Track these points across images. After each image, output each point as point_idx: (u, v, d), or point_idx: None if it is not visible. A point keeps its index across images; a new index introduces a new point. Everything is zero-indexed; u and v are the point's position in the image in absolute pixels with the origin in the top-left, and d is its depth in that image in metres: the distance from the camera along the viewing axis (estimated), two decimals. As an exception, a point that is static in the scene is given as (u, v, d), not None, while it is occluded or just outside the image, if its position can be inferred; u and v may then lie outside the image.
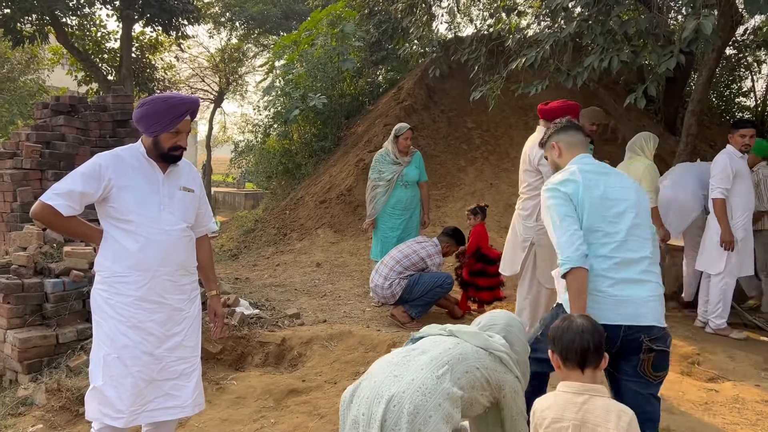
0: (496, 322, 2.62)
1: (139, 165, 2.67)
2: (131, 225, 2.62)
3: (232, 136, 23.27)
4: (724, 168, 5.13)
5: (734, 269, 5.20)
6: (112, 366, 2.60)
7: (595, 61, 5.38)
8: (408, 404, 2.06)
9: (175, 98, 2.66)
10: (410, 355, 2.29)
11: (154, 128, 2.63)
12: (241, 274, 7.42)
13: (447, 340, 2.38)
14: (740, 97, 14.39)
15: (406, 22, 9.89)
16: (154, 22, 15.19)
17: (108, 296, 2.61)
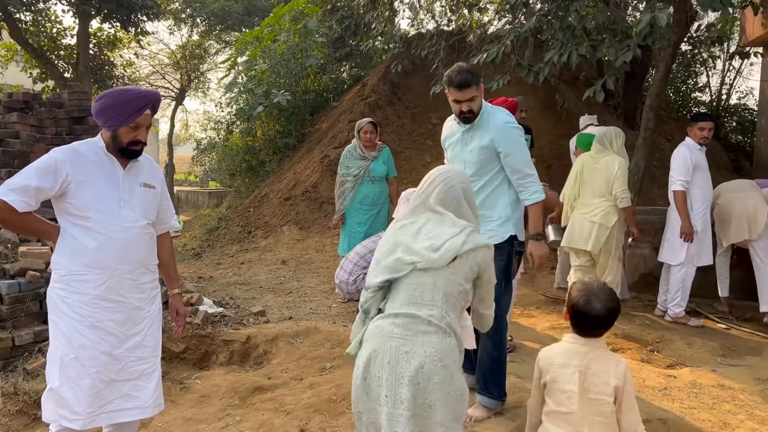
0: (439, 197, 2.39)
1: (98, 160, 2.60)
2: (89, 222, 2.55)
3: (194, 134, 22.95)
4: (684, 160, 5.26)
5: (693, 259, 5.35)
6: (69, 366, 2.53)
7: (554, 56, 5.46)
8: (434, 377, 2.10)
9: (134, 91, 2.61)
10: (408, 324, 2.16)
11: (113, 122, 2.57)
12: (205, 272, 7.33)
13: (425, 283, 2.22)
14: (696, 92, 14.78)
15: (368, 17, 9.87)
16: (111, 18, 14.87)
17: (65, 295, 2.54)
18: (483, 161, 3.31)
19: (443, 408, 2.11)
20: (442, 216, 2.35)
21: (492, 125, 3.30)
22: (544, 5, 5.86)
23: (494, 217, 3.34)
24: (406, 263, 2.23)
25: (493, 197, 3.35)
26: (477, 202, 2.75)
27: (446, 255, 2.21)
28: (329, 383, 4.01)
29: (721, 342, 4.83)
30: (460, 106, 3.30)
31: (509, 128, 3.29)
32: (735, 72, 13.70)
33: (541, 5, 5.92)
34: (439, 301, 2.20)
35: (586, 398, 2.15)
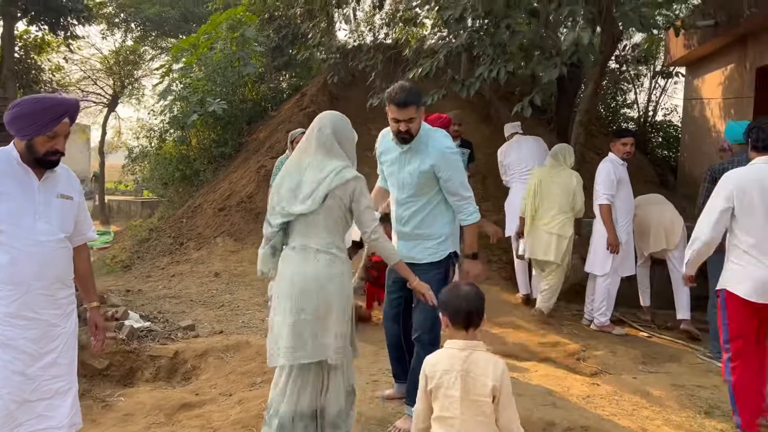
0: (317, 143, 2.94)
1: (11, 170, 2.48)
2: (2, 236, 2.44)
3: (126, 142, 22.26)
4: (608, 175, 5.45)
5: (618, 269, 5.55)
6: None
7: (485, 72, 5.59)
8: (328, 286, 2.82)
9: (51, 99, 2.52)
10: (304, 253, 2.85)
11: (28, 131, 2.46)
12: (134, 285, 7.09)
13: (309, 222, 2.84)
14: (625, 108, 15.38)
15: (305, 27, 9.85)
16: (39, 20, 14.32)
17: None
18: (422, 184, 3.38)
19: (338, 309, 2.81)
20: (318, 160, 2.88)
21: (432, 150, 3.33)
22: (476, 21, 5.99)
23: (434, 235, 3.43)
24: (292, 213, 2.84)
25: (432, 217, 3.43)
26: (416, 222, 3.43)
27: (317, 200, 2.79)
28: (259, 398, 3.93)
29: (643, 350, 5.02)
30: (398, 125, 3.32)
31: (449, 154, 3.36)
32: (660, 90, 14.34)
33: (473, 21, 6.04)
34: (323, 232, 2.83)
35: (468, 400, 2.27)
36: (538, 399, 3.69)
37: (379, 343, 4.99)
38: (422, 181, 3.37)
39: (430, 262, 3.42)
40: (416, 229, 3.44)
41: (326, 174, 2.82)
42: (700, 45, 8.87)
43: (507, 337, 5.24)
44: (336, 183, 2.80)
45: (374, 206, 3.52)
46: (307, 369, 2.84)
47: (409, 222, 3.46)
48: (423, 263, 3.41)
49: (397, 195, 3.54)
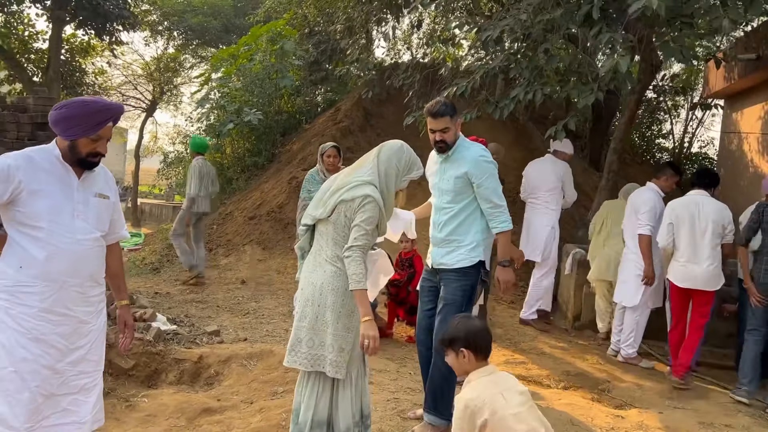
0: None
1: (52, 169, 2.53)
2: (41, 232, 2.47)
3: (162, 147, 22.68)
4: (654, 206, 5.33)
5: (649, 301, 5.45)
6: (6, 380, 2.44)
7: (520, 93, 5.59)
8: (328, 299, 2.86)
9: (98, 103, 2.55)
10: (315, 260, 2.96)
11: (73, 132, 2.50)
12: (162, 288, 7.19)
13: (321, 230, 2.96)
14: (660, 139, 15.19)
15: (344, 43, 9.98)
16: (86, 25, 14.73)
17: (9, 306, 2.45)
18: (458, 189, 3.54)
19: (335, 322, 2.83)
20: (349, 173, 2.98)
21: (467, 158, 3.52)
22: (514, 44, 6.01)
23: (466, 242, 3.55)
24: (313, 217, 2.97)
25: (467, 224, 3.57)
26: (451, 228, 3.57)
27: (328, 208, 2.89)
28: (279, 408, 3.94)
29: (671, 385, 4.91)
30: (434, 135, 3.57)
31: (483, 161, 3.52)
32: (697, 121, 14.15)
33: (511, 44, 6.06)
34: (331, 243, 2.89)
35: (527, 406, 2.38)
36: (561, 427, 3.63)
37: (400, 360, 4.98)
38: (458, 187, 3.54)
39: (460, 267, 3.52)
40: (450, 235, 3.58)
41: (345, 184, 2.91)
42: (740, 78, 8.74)
43: (530, 363, 5.18)
44: (345, 197, 2.86)
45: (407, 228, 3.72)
46: (322, 378, 2.89)
47: (445, 227, 3.61)
48: (453, 269, 3.54)
49: (436, 202, 3.74)
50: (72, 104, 2.53)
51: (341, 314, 2.85)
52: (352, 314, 2.87)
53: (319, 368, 2.86)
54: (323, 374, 2.88)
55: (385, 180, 2.98)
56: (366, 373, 3.04)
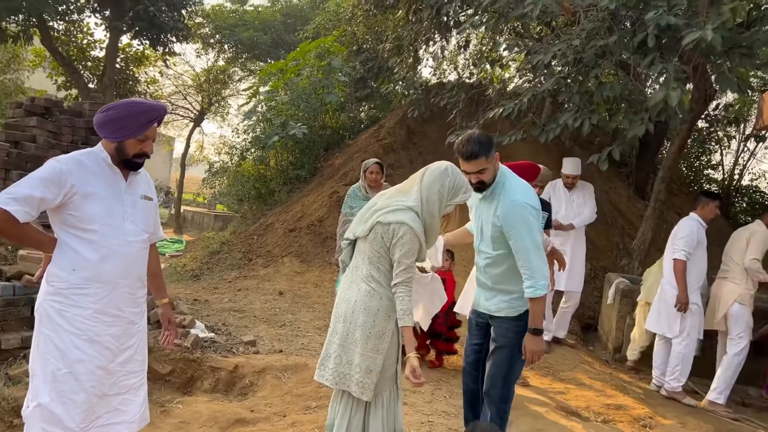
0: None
1: (101, 172, 2.57)
2: (94, 235, 2.52)
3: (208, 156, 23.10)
4: (692, 234, 5.27)
5: (692, 331, 5.29)
6: (62, 381, 2.48)
7: (569, 119, 5.52)
8: (359, 318, 2.83)
9: (144, 104, 2.60)
10: (352, 277, 2.96)
11: (120, 133, 2.54)
12: (201, 295, 7.28)
13: (360, 248, 2.96)
14: (709, 169, 14.82)
15: (392, 62, 10.05)
16: (142, 35, 15.17)
17: (63, 308, 2.50)
18: (494, 236, 3.18)
19: (365, 343, 2.80)
20: (392, 194, 2.96)
21: (502, 200, 3.11)
22: (564, 68, 5.95)
23: (513, 291, 3.19)
24: (354, 233, 2.97)
25: (508, 273, 3.18)
26: (493, 275, 3.24)
27: (366, 227, 2.88)
28: (312, 423, 3.92)
29: (716, 425, 4.72)
30: (469, 176, 3.11)
31: (518, 207, 3.05)
32: (749, 153, 13.76)
33: (561, 68, 6.00)
34: (366, 262, 2.89)
35: None
36: (599, 463, 3.52)
37: (435, 383, 4.92)
38: (495, 234, 3.16)
39: (506, 317, 3.23)
40: (493, 282, 3.26)
41: (383, 207, 2.90)
42: (798, 110, 8.45)
43: (569, 394, 5.05)
44: (382, 219, 2.84)
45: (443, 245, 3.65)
46: (354, 397, 2.86)
47: (486, 272, 3.29)
48: (498, 316, 3.25)
49: (476, 243, 3.39)
50: (118, 106, 2.57)
51: (371, 335, 2.81)
52: (383, 336, 2.82)
53: (344, 387, 2.84)
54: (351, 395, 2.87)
55: (427, 206, 2.86)
56: (399, 396, 3.00)
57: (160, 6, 14.25)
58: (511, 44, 7.12)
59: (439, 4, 7.82)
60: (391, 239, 2.80)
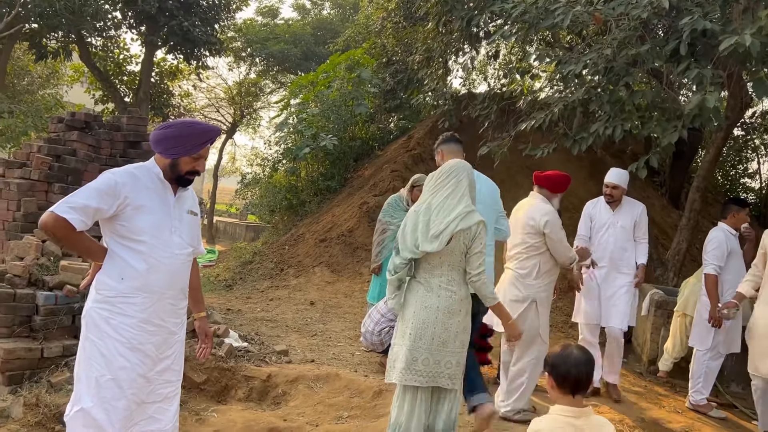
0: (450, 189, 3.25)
1: (153, 186, 2.67)
2: (143, 246, 2.61)
3: (240, 168, 23.43)
4: (720, 245, 5.15)
5: (721, 347, 5.19)
6: (105, 388, 2.55)
7: (600, 128, 5.48)
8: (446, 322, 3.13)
9: (201, 125, 2.73)
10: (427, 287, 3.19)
11: (176, 151, 2.65)
12: (234, 305, 7.39)
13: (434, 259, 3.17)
14: (745, 178, 14.52)
15: (421, 73, 10.10)
16: (176, 50, 15.53)
17: (110, 316, 2.58)
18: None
19: (453, 341, 3.12)
20: (447, 203, 3.17)
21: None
22: (594, 77, 5.91)
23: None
24: (420, 251, 3.13)
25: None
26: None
27: (443, 241, 3.08)
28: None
29: (755, 440, 4.62)
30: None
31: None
32: (788, 161, 13.45)
33: (592, 77, 5.96)
34: (446, 270, 3.15)
35: None
36: (635, 477, 3.47)
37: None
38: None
39: None
40: None
41: (453, 217, 3.11)
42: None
43: (603, 406, 4.98)
44: (461, 227, 3.09)
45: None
46: (424, 390, 3.18)
47: None
48: None
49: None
50: (177, 125, 2.69)
51: (458, 333, 3.15)
52: (466, 331, 3.21)
53: (434, 383, 3.14)
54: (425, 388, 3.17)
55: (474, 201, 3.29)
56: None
57: (194, 21, 14.59)
58: (542, 54, 7.09)
59: (470, 16, 7.84)
60: (472, 238, 3.12)
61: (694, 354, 5.40)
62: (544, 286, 4.30)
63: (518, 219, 4.43)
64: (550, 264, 4.29)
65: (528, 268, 4.30)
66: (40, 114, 13.14)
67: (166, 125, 2.68)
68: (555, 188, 4.43)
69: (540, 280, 4.28)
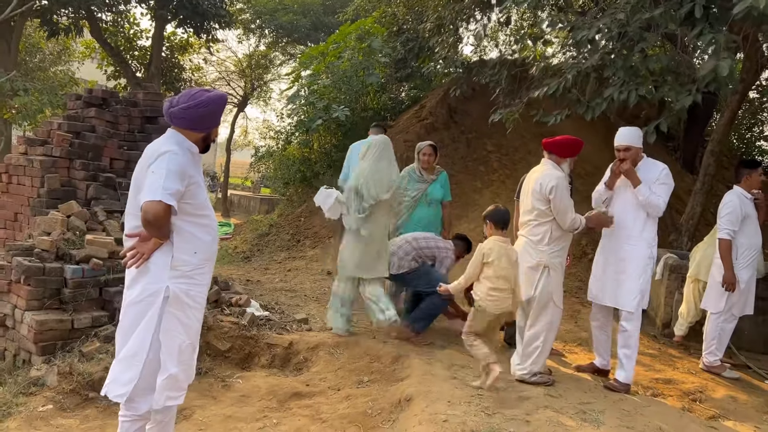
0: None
1: (194, 161, 2.84)
2: (206, 219, 2.83)
3: (252, 141, 23.47)
4: (734, 210, 5.17)
5: (735, 309, 5.25)
6: (185, 352, 2.81)
7: (614, 93, 5.47)
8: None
9: (222, 95, 2.87)
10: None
11: (213, 122, 2.85)
12: (253, 276, 7.53)
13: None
14: (761, 141, 14.39)
15: (432, 41, 10.03)
16: (186, 23, 15.47)
17: (188, 288, 2.77)
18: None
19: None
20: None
21: None
22: (608, 43, 5.87)
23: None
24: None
25: None
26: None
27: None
28: (365, 396, 4.09)
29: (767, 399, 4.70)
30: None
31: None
32: (804, 123, 13.30)
33: (606, 42, 5.93)
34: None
35: (509, 268, 4.16)
36: (649, 435, 3.58)
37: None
38: None
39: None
40: None
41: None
42: None
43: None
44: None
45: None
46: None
47: None
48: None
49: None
50: (213, 99, 2.78)
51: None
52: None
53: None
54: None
55: None
56: None
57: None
58: (554, 20, 7.02)
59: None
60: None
61: (708, 316, 5.47)
62: (557, 252, 4.35)
63: (529, 186, 4.47)
64: (561, 230, 4.33)
65: (539, 235, 4.35)
66: (55, 91, 13.22)
67: (196, 104, 2.73)
68: (563, 153, 4.42)
69: (552, 245, 4.32)
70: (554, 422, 3.56)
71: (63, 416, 3.71)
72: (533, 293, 4.34)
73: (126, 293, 2.80)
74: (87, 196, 5.66)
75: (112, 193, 5.77)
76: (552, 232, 4.32)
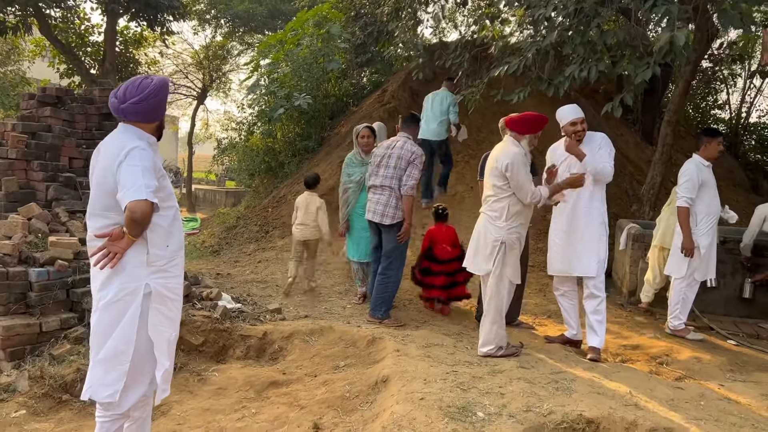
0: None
1: (156, 152, 2.79)
2: (172, 210, 2.80)
3: (214, 134, 23.15)
4: (691, 177, 5.33)
5: (697, 274, 5.42)
6: (173, 343, 2.84)
7: (575, 71, 5.56)
8: None
9: (165, 81, 2.80)
10: None
11: (163, 110, 2.82)
12: (223, 269, 7.47)
13: None
14: (716, 109, 14.75)
15: (391, 25, 10.01)
16: (139, 16, 15.10)
17: (166, 281, 2.76)
18: None
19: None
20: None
21: None
22: (565, 20, 5.95)
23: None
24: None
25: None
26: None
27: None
28: (342, 380, 4.12)
29: (731, 358, 4.88)
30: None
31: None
32: (756, 90, 13.67)
33: (563, 19, 6.00)
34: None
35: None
36: (620, 399, 3.68)
37: (457, 336, 5.09)
38: None
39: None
40: None
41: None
42: (803, 44, 8.40)
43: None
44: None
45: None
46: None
47: None
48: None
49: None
50: (161, 87, 2.72)
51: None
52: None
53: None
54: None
55: None
56: None
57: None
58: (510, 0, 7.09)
59: (436, -37, 7.77)
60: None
61: (671, 282, 5.64)
62: (515, 228, 4.39)
63: (489, 163, 4.54)
64: (519, 206, 4.37)
65: (498, 211, 4.41)
66: (6, 92, 12.82)
67: (146, 95, 2.66)
68: (522, 129, 4.43)
69: (510, 221, 4.36)
70: (528, 393, 3.64)
71: (37, 420, 3.65)
72: (490, 268, 4.42)
73: (98, 294, 2.70)
74: (47, 197, 5.54)
75: (73, 193, 5.65)
76: (509, 208, 4.36)
